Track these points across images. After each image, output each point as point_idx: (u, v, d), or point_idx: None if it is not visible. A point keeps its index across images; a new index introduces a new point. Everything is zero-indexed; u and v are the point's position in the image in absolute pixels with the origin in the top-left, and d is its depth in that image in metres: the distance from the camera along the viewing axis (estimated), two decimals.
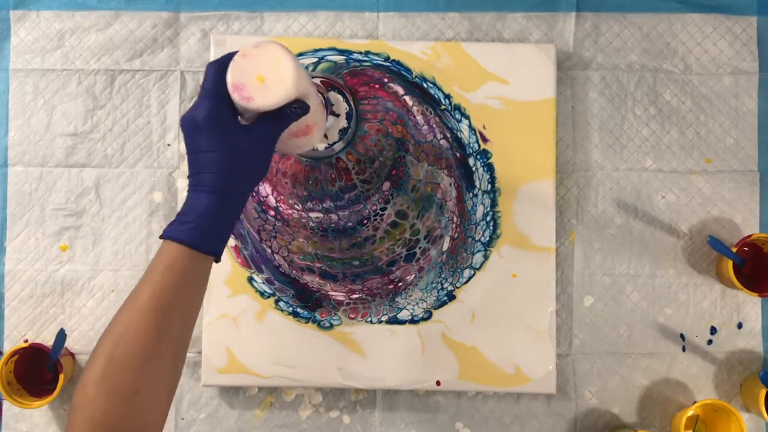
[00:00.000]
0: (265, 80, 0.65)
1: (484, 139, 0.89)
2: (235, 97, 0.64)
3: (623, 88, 0.93)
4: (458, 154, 0.89)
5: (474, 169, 0.89)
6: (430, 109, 0.89)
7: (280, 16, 0.93)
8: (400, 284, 0.88)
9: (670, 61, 0.93)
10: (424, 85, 0.89)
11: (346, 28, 0.93)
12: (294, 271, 0.88)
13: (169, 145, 0.92)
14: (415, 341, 0.88)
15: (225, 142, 0.63)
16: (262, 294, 0.88)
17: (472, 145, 0.89)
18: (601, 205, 0.92)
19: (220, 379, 0.87)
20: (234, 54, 0.66)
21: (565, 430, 0.90)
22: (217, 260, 0.65)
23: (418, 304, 0.88)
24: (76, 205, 0.92)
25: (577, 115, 0.93)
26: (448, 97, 0.89)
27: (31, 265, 0.91)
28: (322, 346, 0.88)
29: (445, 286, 0.88)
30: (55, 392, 0.84)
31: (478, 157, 0.89)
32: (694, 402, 0.86)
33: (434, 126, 0.89)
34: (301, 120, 0.69)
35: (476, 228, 0.88)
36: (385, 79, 0.89)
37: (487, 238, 0.88)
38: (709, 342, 0.91)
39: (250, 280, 0.88)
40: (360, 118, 0.88)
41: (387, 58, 0.90)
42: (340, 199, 0.88)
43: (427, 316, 0.88)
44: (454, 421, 0.90)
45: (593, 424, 0.90)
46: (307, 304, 0.88)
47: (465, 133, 0.89)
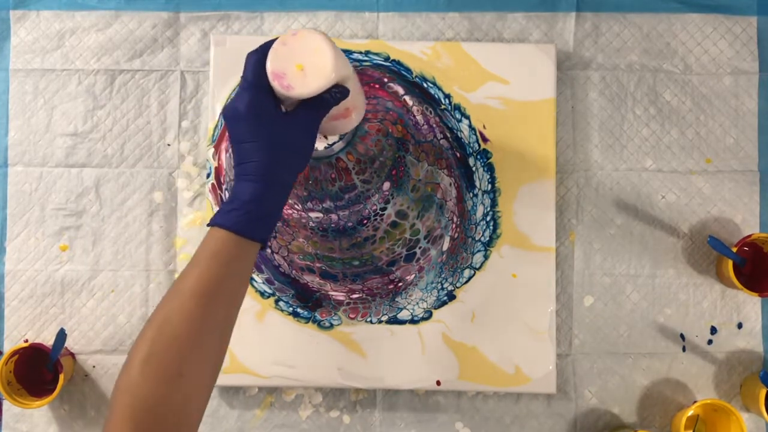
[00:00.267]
0: (305, 68, 0.65)
1: (484, 139, 0.89)
2: (275, 85, 0.65)
3: (623, 88, 0.93)
4: (458, 154, 0.89)
5: (474, 169, 0.89)
6: (430, 109, 0.89)
7: (280, 16, 0.93)
8: (400, 284, 0.88)
9: (670, 61, 0.93)
10: (424, 85, 0.89)
11: (346, 28, 0.93)
12: (294, 271, 0.88)
13: (169, 145, 0.92)
14: (415, 341, 0.88)
15: (267, 132, 0.65)
16: (262, 294, 0.88)
17: (472, 145, 0.89)
18: (601, 205, 0.92)
19: (220, 379, 0.87)
20: (272, 42, 0.66)
21: (565, 430, 0.90)
22: (264, 247, 0.66)
23: (418, 304, 0.88)
24: (76, 205, 0.92)
25: (577, 115, 0.93)
26: (448, 96, 0.89)
27: (31, 265, 0.91)
28: (322, 346, 0.88)
29: (445, 286, 0.88)
30: (55, 392, 0.84)
31: (478, 157, 0.89)
32: (694, 402, 0.86)
33: (434, 126, 0.89)
34: (341, 104, 0.70)
35: (476, 228, 0.88)
36: (385, 79, 0.89)
37: (487, 238, 0.88)
38: (709, 342, 0.91)
39: (250, 280, 0.88)
40: None
41: (387, 58, 0.90)
42: (340, 199, 0.88)
43: (427, 316, 0.88)
44: (454, 421, 0.90)
45: (593, 424, 0.90)
46: (307, 304, 0.88)
47: (465, 133, 0.89)
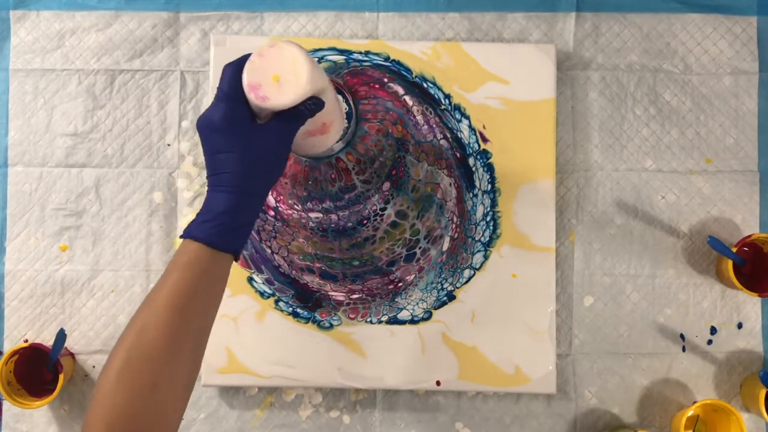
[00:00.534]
0: (281, 79, 0.65)
1: (484, 139, 0.89)
2: (251, 97, 0.65)
3: (623, 88, 0.93)
4: (458, 154, 0.89)
5: (474, 169, 0.89)
6: (430, 109, 0.89)
7: (280, 16, 0.93)
8: (400, 284, 0.88)
9: (670, 61, 0.93)
10: (424, 85, 0.89)
11: (346, 28, 0.93)
12: (294, 272, 0.88)
13: (169, 145, 0.92)
14: (415, 341, 0.88)
15: (242, 142, 0.64)
16: (262, 294, 0.88)
17: (472, 145, 0.89)
18: (601, 205, 0.92)
19: (219, 379, 0.87)
20: (250, 55, 0.66)
21: (565, 430, 0.90)
22: (236, 259, 0.66)
23: (418, 304, 0.88)
24: (76, 205, 0.92)
25: (577, 115, 0.93)
26: (448, 97, 0.89)
27: (31, 265, 0.91)
28: (322, 346, 0.88)
29: (445, 286, 0.88)
30: (55, 392, 0.84)
31: (478, 157, 0.89)
32: (694, 402, 0.86)
33: (434, 126, 0.89)
34: (317, 118, 0.70)
35: (476, 228, 0.88)
36: (385, 79, 0.89)
37: (487, 238, 0.88)
38: (709, 342, 0.91)
39: (250, 280, 0.88)
40: (360, 118, 0.88)
41: (387, 58, 0.90)
42: (340, 200, 0.88)
43: (427, 317, 0.88)
44: (454, 421, 0.90)
45: (593, 424, 0.90)
46: (307, 305, 0.88)
47: (465, 133, 0.89)
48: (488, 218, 0.88)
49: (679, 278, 0.91)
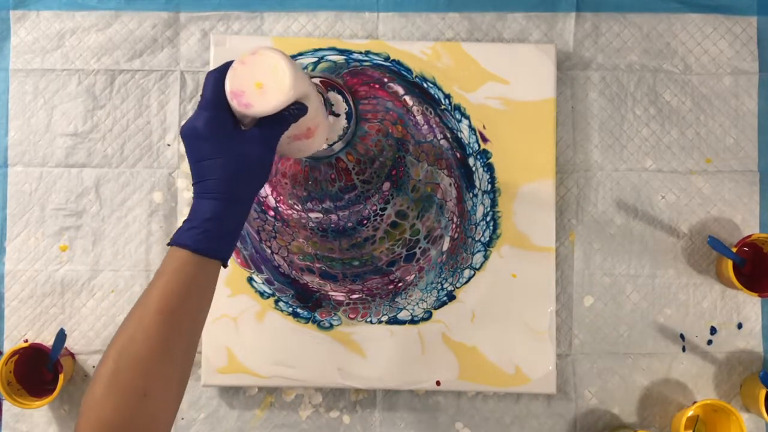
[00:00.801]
0: (264, 86, 0.65)
1: (484, 139, 0.89)
2: (234, 104, 0.65)
3: (623, 88, 0.93)
4: (458, 154, 0.89)
5: (474, 169, 0.89)
6: (430, 109, 0.89)
7: (280, 16, 0.93)
8: (400, 284, 0.88)
9: (670, 61, 0.93)
10: (424, 85, 0.89)
11: (346, 28, 0.93)
12: (294, 272, 0.88)
13: (169, 145, 0.92)
14: (415, 341, 0.88)
15: (226, 149, 0.64)
16: (262, 294, 0.88)
17: (472, 145, 0.89)
18: (601, 205, 0.92)
19: (219, 379, 0.87)
20: (232, 62, 0.66)
21: (565, 430, 0.90)
22: (224, 265, 0.66)
23: (418, 304, 0.88)
24: (76, 205, 0.92)
25: (577, 115, 0.93)
26: (448, 97, 0.89)
27: (31, 265, 0.91)
28: (322, 347, 0.88)
29: (445, 286, 0.88)
30: (55, 392, 0.84)
31: (478, 157, 0.89)
32: (694, 402, 0.86)
33: (434, 126, 0.89)
34: (301, 123, 0.70)
35: (476, 228, 0.88)
36: (385, 79, 0.89)
37: (487, 239, 0.88)
38: (709, 342, 0.91)
39: (250, 280, 0.88)
40: (360, 118, 0.88)
41: (387, 58, 0.90)
42: (340, 200, 0.88)
43: (427, 317, 0.88)
44: (454, 421, 0.90)
45: (593, 424, 0.90)
46: (307, 305, 0.88)
47: (465, 133, 0.89)
48: (488, 218, 0.88)
49: (679, 278, 0.91)
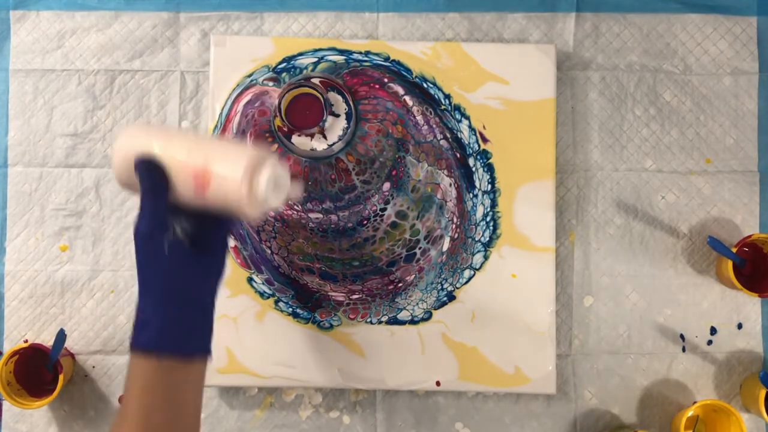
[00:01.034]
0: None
1: (484, 140, 0.89)
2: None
3: (623, 89, 0.93)
4: (458, 155, 0.89)
5: (474, 169, 0.89)
6: (430, 109, 0.89)
7: (280, 17, 0.93)
8: (400, 285, 0.88)
9: (670, 62, 0.93)
10: (424, 85, 0.89)
11: (346, 29, 0.93)
12: (294, 272, 0.88)
13: None
14: (415, 342, 0.88)
15: (163, 259, 0.62)
16: (262, 294, 0.88)
17: (472, 146, 0.89)
18: (601, 205, 0.92)
19: (220, 380, 0.87)
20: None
21: (565, 430, 0.90)
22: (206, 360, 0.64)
23: (418, 304, 0.88)
24: (76, 205, 0.92)
25: (577, 115, 0.93)
26: (448, 97, 0.89)
27: (31, 265, 0.91)
28: (322, 347, 0.88)
29: (445, 286, 0.88)
30: (55, 392, 0.84)
31: (478, 158, 0.89)
32: (694, 402, 0.86)
33: (434, 126, 0.89)
34: (182, 176, 0.65)
35: (476, 228, 0.88)
36: (385, 79, 0.89)
37: (487, 239, 0.88)
38: (709, 342, 0.91)
39: (250, 280, 0.88)
40: (360, 118, 0.88)
41: (387, 58, 0.90)
42: (340, 200, 0.88)
43: (427, 317, 0.88)
44: (454, 422, 0.90)
45: (593, 424, 0.90)
46: (307, 305, 0.88)
47: (465, 134, 0.89)
48: (488, 218, 0.88)
49: (679, 278, 0.91)
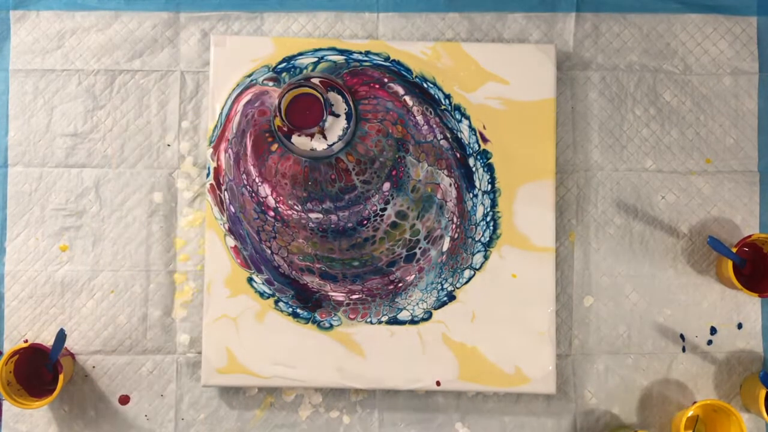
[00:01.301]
0: None
1: (484, 140, 0.89)
2: None
3: (623, 89, 0.93)
4: (458, 155, 0.89)
5: (474, 169, 0.89)
6: (430, 109, 0.89)
7: (280, 17, 0.93)
8: (400, 285, 0.88)
9: (670, 62, 0.93)
10: (425, 85, 0.89)
11: (346, 29, 0.93)
12: (294, 272, 0.88)
13: (169, 146, 0.92)
14: (415, 341, 0.88)
15: None
16: (262, 294, 0.88)
17: (472, 146, 0.89)
18: (601, 205, 0.92)
19: (220, 380, 0.87)
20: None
21: (565, 430, 0.90)
22: None
23: (418, 304, 0.88)
24: (76, 206, 0.92)
25: (577, 115, 0.93)
26: (448, 97, 0.89)
27: (31, 265, 0.91)
28: (322, 347, 0.88)
29: (445, 286, 0.88)
30: (55, 392, 0.84)
31: (478, 158, 0.89)
32: (694, 402, 0.86)
33: (434, 126, 0.89)
34: None
35: (476, 228, 0.88)
36: (386, 79, 0.89)
37: (487, 239, 0.88)
38: (709, 342, 0.91)
39: (250, 280, 0.88)
40: (360, 118, 0.88)
41: (387, 58, 0.90)
42: (340, 200, 0.88)
43: (427, 317, 0.88)
44: (454, 421, 0.90)
45: (593, 424, 0.90)
46: (307, 305, 0.88)
47: (465, 134, 0.89)
48: (488, 218, 0.88)
49: (679, 278, 0.91)
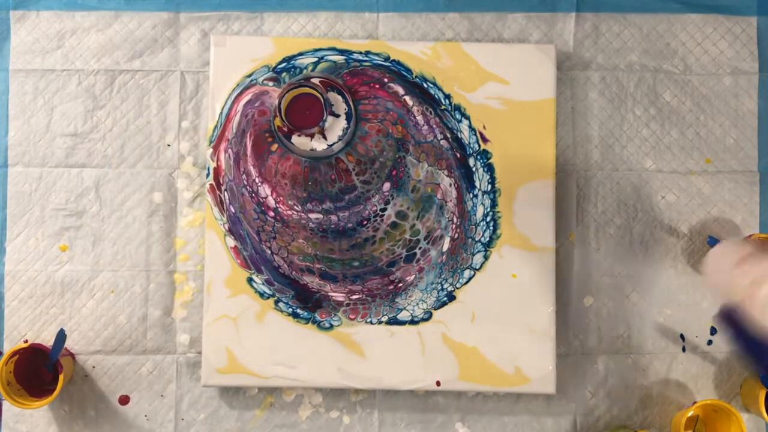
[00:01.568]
0: None
1: (485, 140, 0.89)
2: None
3: (623, 89, 0.93)
4: (458, 155, 0.89)
5: (474, 169, 0.89)
6: (430, 109, 0.89)
7: (280, 17, 0.93)
8: (400, 285, 0.88)
9: (670, 62, 0.93)
10: (425, 85, 0.89)
11: (346, 29, 0.93)
12: (294, 272, 0.88)
13: (169, 146, 0.92)
14: (415, 341, 0.88)
15: None
16: (262, 295, 0.88)
17: (472, 146, 0.89)
18: (601, 205, 0.92)
19: (220, 380, 0.87)
20: None
21: (565, 430, 0.90)
22: None
23: (418, 304, 0.88)
24: (76, 205, 0.92)
25: (577, 115, 0.93)
26: (448, 97, 0.89)
27: (31, 265, 0.91)
28: (322, 347, 0.88)
29: (445, 286, 0.88)
30: (55, 392, 0.84)
31: (479, 158, 0.89)
32: (694, 402, 0.86)
33: (434, 126, 0.89)
34: None
35: (476, 228, 0.88)
36: (386, 79, 0.89)
37: (487, 239, 0.88)
38: (709, 342, 0.91)
39: (250, 280, 0.88)
40: (360, 118, 0.88)
41: (387, 58, 0.90)
42: (340, 200, 0.88)
43: (427, 317, 0.88)
44: (454, 421, 0.90)
45: (593, 424, 0.90)
46: (307, 305, 0.88)
47: (465, 134, 0.89)
48: (488, 218, 0.88)
49: (679, 278, 0.91)
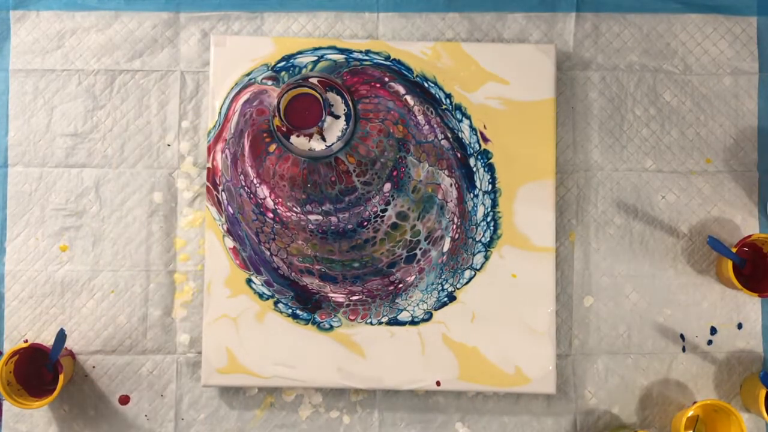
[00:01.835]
0: None
1: (485, 140, 0.89)
2: None
3: (623, 89, 0.93)
4: (459, 155, 0.89)
5: (475, 169, 0.89)
6: (431, 109, 0.89)
7: (280, 17, 0.93)
8: (401, 285, 0.88)
9: (670, 62, 0.93)
10: (425, 85, 0.89)
11: (346, 29, 0.93)
12: (293, 273, 0.88)
13: (169, 146, 0.92)
14: (415, 342, 0.88)
15: None
16: (261, 296, 0.88)
17: (473, 146, 0.89)
18: (601, 205, 0.92)
19: (220, 380, 0.87)
20: None
21: (565, 430, 0.90)
22: None
23: (418, 305, 0.88)
24: (76, 205, 0.92)
25: (577, 115, 0.93)
26: (449, 96, 0.89)
27: (31, 265, 0.91)
28: (322, 347, 0.88)
29: (446, 287, 0.88)
30: (55, 392, 0.84)
31: (479, 158, 0.89)
32: (694, 402, 0.86)
33: (435, 126, 0.89)
34: None
35: (477, 229, 0.88)
36: (386, 78, 0.89)
37: (488, 239, 0.88)
38: (709, 342, 0.91)
39: (249, 281, 0.88)
40: (359, 118, 0.88)
41: (387, 57, 0.90)
42: (340, 202, 0.88)
43: (428, 317, 0.88)
44: (454, 421, 0.90)
45: (593, 424, 0.90)
46: (307, 306, 0.88)
47: (466, 134, 0.89)
48: (489, 219, 0.88)
49: (679, 278, 0.91)
